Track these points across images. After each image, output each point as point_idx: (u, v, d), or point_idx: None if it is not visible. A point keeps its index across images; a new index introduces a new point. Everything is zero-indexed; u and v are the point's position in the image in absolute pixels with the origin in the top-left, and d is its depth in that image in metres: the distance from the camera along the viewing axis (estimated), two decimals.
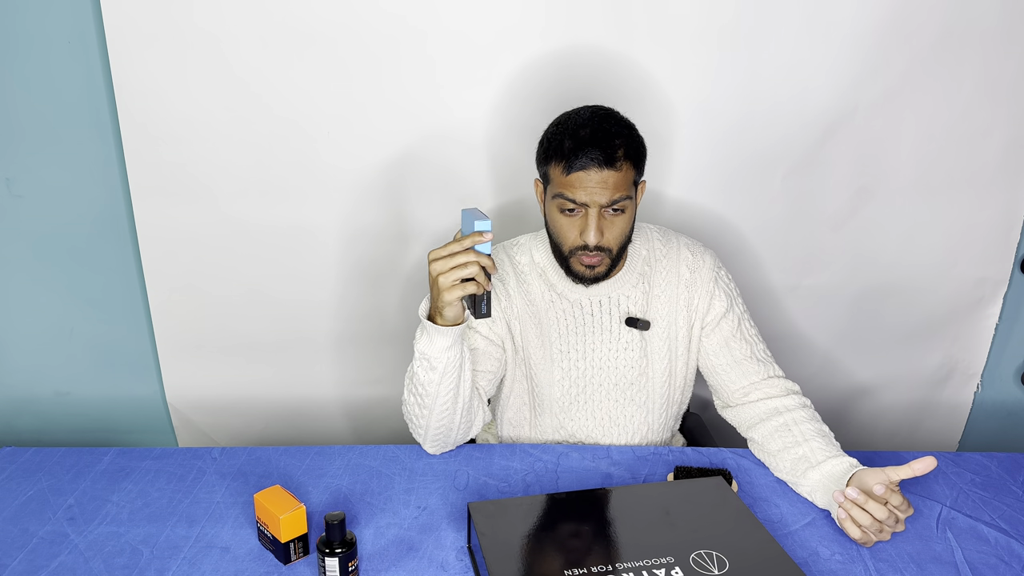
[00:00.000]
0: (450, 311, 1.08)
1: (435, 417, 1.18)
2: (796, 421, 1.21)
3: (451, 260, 1.03)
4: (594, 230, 1.14)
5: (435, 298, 1.08)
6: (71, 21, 1.47)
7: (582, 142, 1.11)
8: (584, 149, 1.11)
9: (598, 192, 1.12)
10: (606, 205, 1.13)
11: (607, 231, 1.16)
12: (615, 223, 1.16)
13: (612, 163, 1.11)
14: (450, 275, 1.04)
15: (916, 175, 1.60)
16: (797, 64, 1.50)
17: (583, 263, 1.19)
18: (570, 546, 0.95)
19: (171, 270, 1.65)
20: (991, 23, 1.47)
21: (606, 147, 1.11)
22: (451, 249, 1.04)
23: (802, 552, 1.04)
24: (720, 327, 1.30)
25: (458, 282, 1.04)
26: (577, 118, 1.15)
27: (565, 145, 1.13)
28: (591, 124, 1.13)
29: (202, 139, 1.53)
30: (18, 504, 1.14)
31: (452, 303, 1.06)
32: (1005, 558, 1.04)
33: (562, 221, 1.17)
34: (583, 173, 1.11)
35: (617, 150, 1.12)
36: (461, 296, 1.05)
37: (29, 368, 1.78)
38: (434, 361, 1.12)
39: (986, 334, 1.77)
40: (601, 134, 1.12)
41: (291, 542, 1.00)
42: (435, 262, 1.05)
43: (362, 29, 1.46)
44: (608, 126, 1.14)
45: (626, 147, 1.13)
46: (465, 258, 1.03)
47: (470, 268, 1.03)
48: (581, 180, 1.12)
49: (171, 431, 1.83)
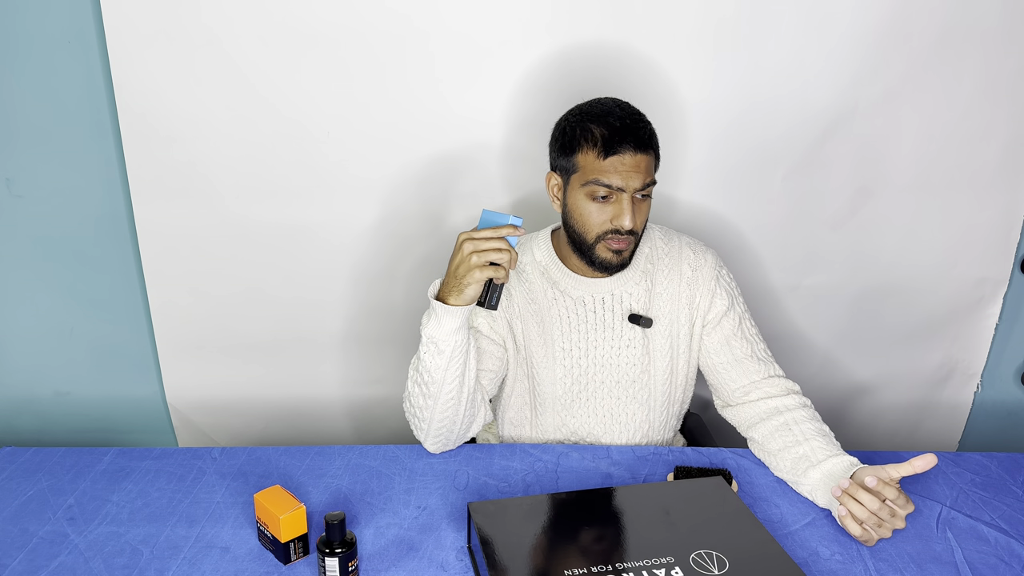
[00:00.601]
0: (471, 290, 1.10)
1: (439, 408, 1.18)
2: (796, 420, 1.22)
3: (487, 243, 1.08)
4: (630, 214, 1.16)
5: (460, 277, 1.09)
6: (71, 21, 1.47)
7: (616, 129, 1.15)
8: (620, 135, 1.14)
9: (633, 176, 1.15)
10: (640, 189, 1.16)
11: (638, 216, 1.19)
12: (642, 208, 1.20)
13: (645, 148, 1.16)
14: (484, 256, 1.07)
15: (916, 175, 1.61)
16: (797, 63, 1.50)
17: (612, 248, 1.20)
18: (570, 546, 0.96)
19: (171, 270, 1.65)
20: (991, 23, 1.47)
21: (639, 132, 1.16)
22: (487, 233, 1.08)
23: (802, 552, 1.04)
24: (721, 326, 1.30)
25: (487, 264, 1.08)
26: (601, 107, 1.19)
27: (596, 132, 1.16)
28: (619, 112, 1.17)
29: (202, 139, 1.53)
30: (18, 504, 1.14)
31: (478, 282, 1.09)
32: (1005, 558, 1.04)
33: (591, 208, 1.19)
34: (619, 158, 1.15)
35: (648, 135, 1.17)
36: (488, 277, 1.09)
37: (29, 368, 1.78)
38: (441, 344, 1.13)
39: (986, 334, 1.77)
40: (632, 120, 1.16)
41: (291, 542, 1.00)
42: (469, 241, 1.08)
43: (364, 29, 1.46)
44: (635, 113, 1.18)
45: (652, 133, 1.18)
46: (500, 244, 1.07)
47: (503, 255, 1.07)
48: (616, 165, 1.15)
49: (171, 431, 1.83)
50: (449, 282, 1.11)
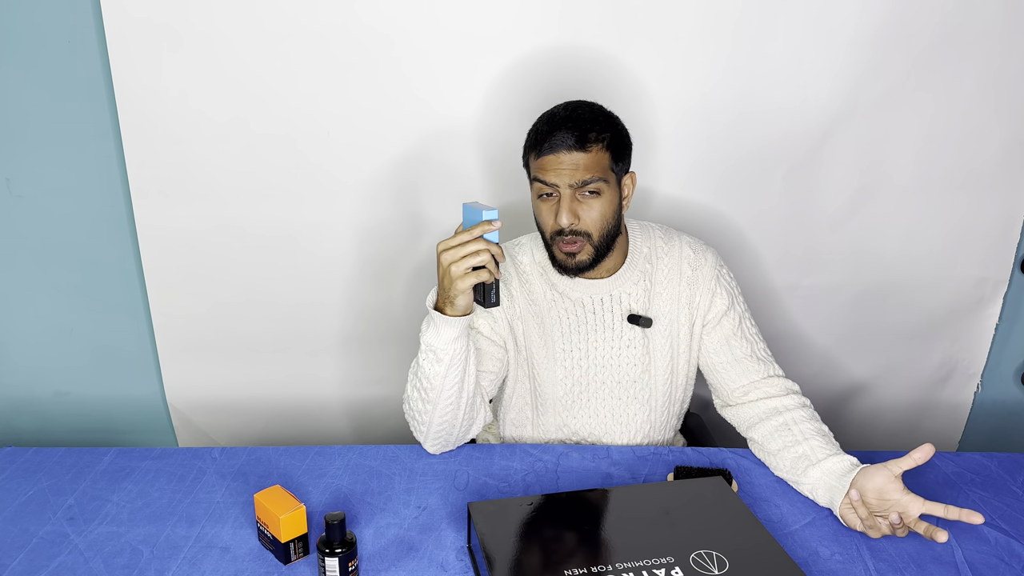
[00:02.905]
0: (462, 300, 1.09)
1: (439, 413, 1.18)
2: (796, 420, 1.22)
3: (462, 249, 1.05)
4: (566, 211, 1.15)
5: (446, 288, 1.09)
6: (71, 21, 1.47)
7: (554, 126, 1.15)
8: (555, 132, 1.15)
9: (567, 173, 1.14)
10: (577, 186, 1.15)
11: (583, 214, 1.17)
12: (591, 206, 1.17)
13: (582, 144, 1.14)
14: (461, 264, 1.05)
15: (916, 175, 1.60)
16: (797, 63, 1.50)
17: (563, 250, 1.20)
18: (570, 546, 0.95)
19: (171, 270, 1.65)
20: (991, 23, 1.47)
21: (575, 129, 1.14)
22: (461, 239, 1.06)
23: (802, 552, 1.04)
24: (721, 325, 1.30)
25: (469, 270, 1.06)
26: (554, 109, 1.20)
27: (536, 131, 1.18)
28: (564, 111, 1.18)
29: (202, 139, 1.53)
30: (18, 504, 1.14)
31: (464, 291, 1.08)
32: (1005, 558, 1.04)
33: (541, 208, 1.20)
34: (553, 155, 1.15)
35: (588, 132, 1.15)
36: (473, 284, 1.07)
37: (29, 368, 1.78)
38: (440, 353, 1.13)
39: (986, 334, 1.77)
40: (572, 119, 1.16)
41: (291, 542, 1.00)
42: (445, 252, 1.07)
43: (360, 30, 1.46)
44: (581, 112, 1.17)
45: (598, 131, 1.16)
46: (476, 246, 1.05)
47: (481, 256, 1.05)
48: (551, 162, 1.15)
49: (171, 431, 1.83)
50: (441, 294, 1.11)
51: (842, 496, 1.08)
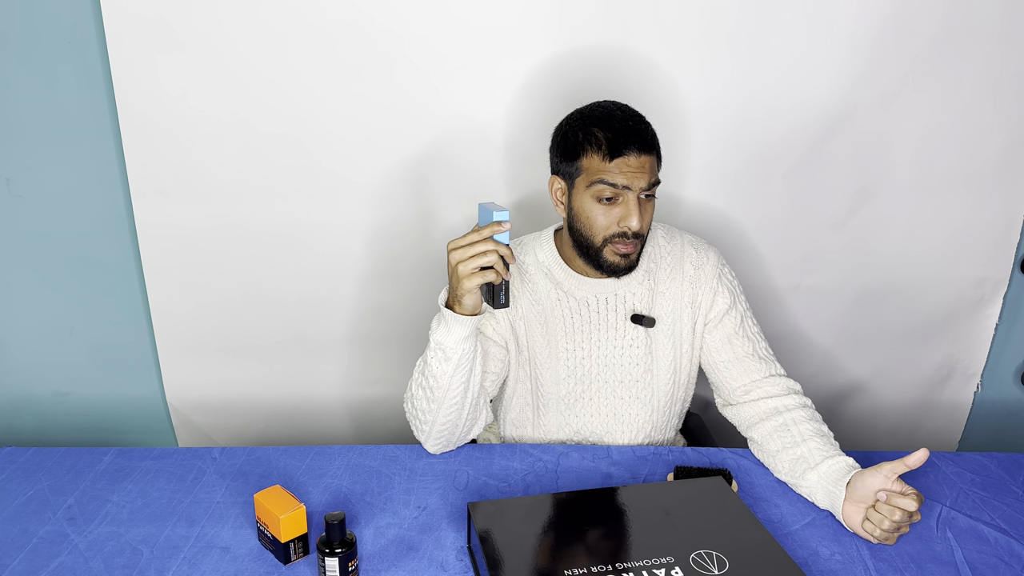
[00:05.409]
0: (469, 300, 1.10)
1: (443, 412, 1.18)
2: (795, 421, 1.22)
3: (470, 249, 1.06)
4: (637, 215, 1.16)
5: (454, 287, 1.09)
6: (71, 20, 1.47)
7: (621, 131, 1.15)
8: (624, 137, 1.15)
9: (639, 176, 1.15)
10: (645, 189, 1.16)
11: (644, 217, 1.18)
12: (648, 209, 1.19)
13: (650, 148, 1.16)
14: (469, 263, 1.06)
15: (916, 175, 1.60)
16: (797, 63, 1.49)
17: (619, 252, 1.20)
18: (570, 546, 0.96)
19: (171, 270, 1.65)
20: (991, 23, 1.47)
21: (642, 134, 1.16)
22: (471, 239, 1.07)
23: (802, 552, 1.04)
24: (723, 324, 1.30)
25: (477, 270, 1.07)
26: (602, 111, 1.19)
27: (600, 136, 1.16)
28: (621, 114, 1.18)
29: (203, 138, 1.53)
30: (18, 504, 1.14)
31: (471, 291, 1.09)
32: (1005, 558, 1.04)
33: (598, 210, 1.18)
34: (624, 159, 1.15)
35: (651, 136, 1.17)
36: (480, 284, 1.07)
37: (29, 368, 1.78)
38: (449, 352, 1.13)
39: (986, 334, 1.77)
40: (635, 122, 1.17)
41: (291, 542, 1.00)
42: (454, 251, 1.07)
43: (366, 28, 1.46)
44: (636, 115, 1.19)
45: (653, 135, 1.19)
46: (484, 247, 1.06)
47: (489, 256, 1.06)
48: (621, 166, 1.15)
49: (171, 431, 1.83)
50: (450, 292, 1.12)
51: (841, 500, 1.08)
